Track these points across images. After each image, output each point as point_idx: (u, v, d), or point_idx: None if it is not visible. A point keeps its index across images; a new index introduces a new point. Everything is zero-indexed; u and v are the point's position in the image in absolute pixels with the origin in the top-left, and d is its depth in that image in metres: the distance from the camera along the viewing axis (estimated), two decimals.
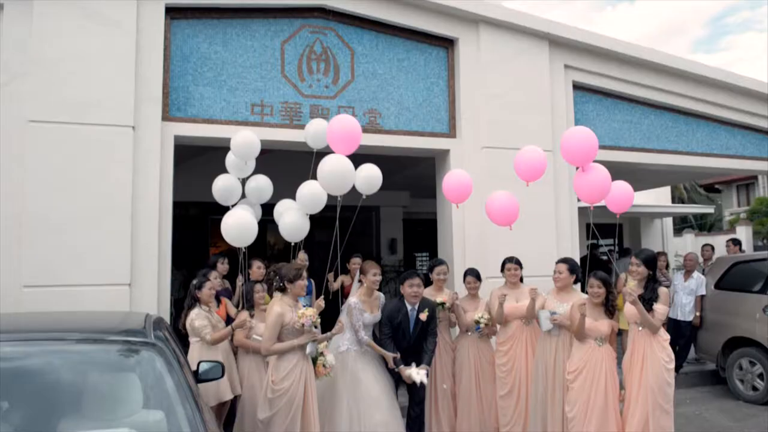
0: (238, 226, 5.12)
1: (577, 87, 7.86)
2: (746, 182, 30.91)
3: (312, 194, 5.17)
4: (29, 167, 5.43)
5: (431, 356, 5.22)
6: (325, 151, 5.26)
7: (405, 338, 5.16)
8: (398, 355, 5.03)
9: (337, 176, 4.87)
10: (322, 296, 4.80)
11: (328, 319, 5.17)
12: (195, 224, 11.84)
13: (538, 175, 5.26)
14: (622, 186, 5.21)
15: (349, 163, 4.91)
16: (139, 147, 5.79)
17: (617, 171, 6.15)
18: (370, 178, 5.31)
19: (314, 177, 5.04)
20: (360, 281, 5.36)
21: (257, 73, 6.46)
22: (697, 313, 7.94)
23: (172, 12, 6.17)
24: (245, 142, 5.53)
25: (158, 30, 6.01)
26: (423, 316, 5.14)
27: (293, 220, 5.33)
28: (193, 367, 3.73)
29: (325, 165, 4.84)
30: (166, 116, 6.07)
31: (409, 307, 5.18)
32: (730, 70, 8.76)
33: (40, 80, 5.53)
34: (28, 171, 5.43)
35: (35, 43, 5.58)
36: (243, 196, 5.92)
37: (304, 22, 6.67)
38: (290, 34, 6.62)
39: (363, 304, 5.12)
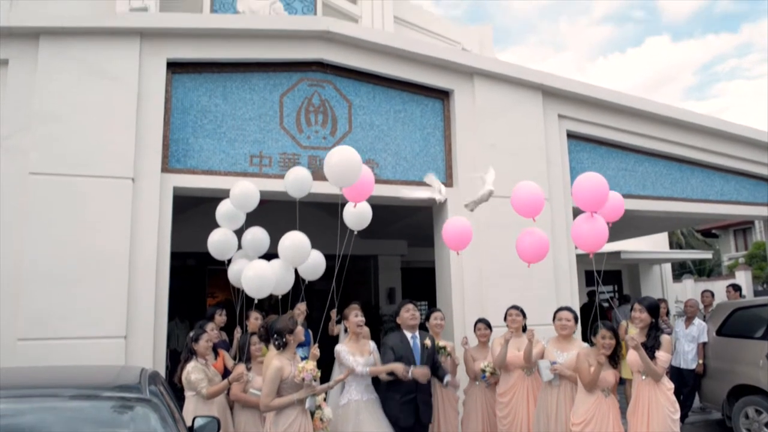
0: (258, 277, 5.04)
1: (572, 136, 7.98)
2: (743, 227, 31.03)
3: (294, 246, 5.12)
4: (28, 219, 5.45)
5: (445, 372, 5.17)
6: (308, 200, 5.29)
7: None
8: (403, 365, 4.85)
9: (344, 167, 4.77)
10: (316, 344, 4.71)
11: (328, 364, 5.08)
12: (193, 275, 11.80)
13: (538, 211, 5.28)
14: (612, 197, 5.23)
15: (357, 155, 4.81)
16: (138, 198, 5.83)
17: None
18: (360, 214, 5.31)
19: (299, 227, 5.06)
20: (345, 329, 5.30)
21: (256, 125, 6.57)
22: (700, 361, 7.84)
23: (173, 66, 6.32)
24: (244, 192, 5.54)
25: (159, 84, 6.14)
26: (427, 342, 5.04)
27: (277, 273, 5.24)
28: (189, 423, 3.65)
29: (333, 157, 4.74)
30: (166, 168, 6.13)
31: (409, 335, 5.08)
32: (721, 117, 8.96)
33: (41, 133, 5.62)
34: (28, 223, 5.44)
35: (38, 96, 5.69)
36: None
37: (303, 75, 6.82)
38: (289, 86, 6.76)
39: (351, 349, 5.03)
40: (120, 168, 5.77)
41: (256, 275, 4.97)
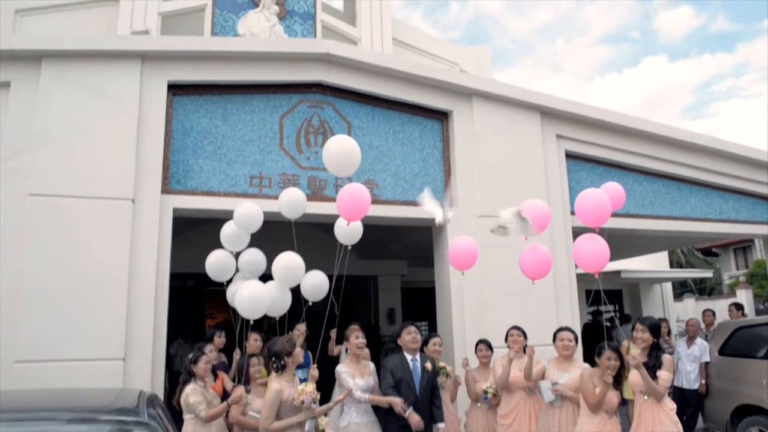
0: (251, 298, 5.01)
1: (570, 156, 8.02)
2: (743, 245, 31.02)
3: (288, 266, 5.11)
4: (28, 240, 5.45)
5: (441, 413, 5.01)
6: (307, 221, 5.30)
7: (411, 392, 4.86)
8: (403, 400, 4.75)
9: (343, 157, 4.78)
10: (315, 365, 4.67)
11: (328, 385, 5.04)
12: (192, 295, 11.76)
13: (545, 225, 5.27)
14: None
15: (355, 144, 4.82)
16: (138, 220, 5.83)
17: (612, 237, 6.17)
18: (351, 228, 5.35)
19: (298, 248, 5.06)
20: (346, 350, 5.26)
21: (256, 146, 6.60)
22: (703, 381, 7.78)
23: (174, 88, 6.37)
24: (248, 214, 5.53)
25: (160, 106, 6.19)
26: (428, 366, 4.98)
27: (273, 294, 5.21)
28: None
29: (331, 146, 4.75)
30: (166, 189, 6.15)
31: (409, 358, 5.01)
32: (719, 137, 9.00)
33: (42, 154, 5.65)
34: (27, 245, 5.45)
35: (39, 118, 5.73)
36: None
37: (303, 97, 6.87)
38: (289, 108, 6.81)
39: (351, 370, 5.01)
40: (120, 189, 5.79)
41: (250, 296, 4.94)
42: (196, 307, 12.07)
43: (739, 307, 9.42)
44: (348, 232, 5.42)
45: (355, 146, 4.85)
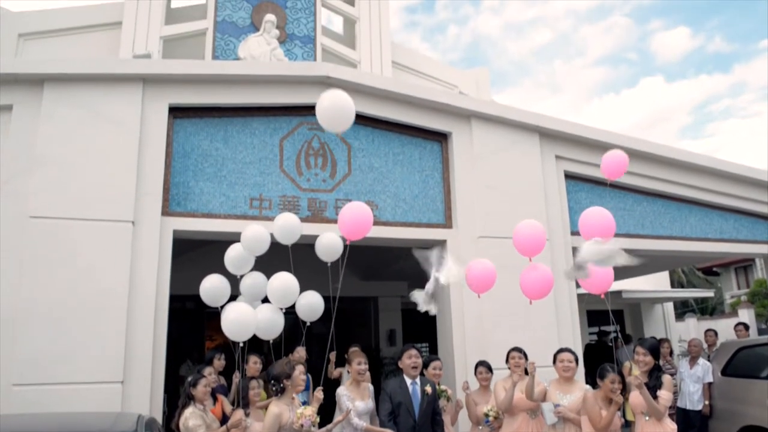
0: (238, 322, 4.99)
1: (570, 176, 8.04)
2: (744, 264, 30.92)
3: (283, 287, 5.11)
4: (27, 263, 5.44)
5: None
6: (303, 242, 5.33)
7: (410, 416, 4.79)
8: None
9: (337, 111, 4.71)
10: (321, 387, 4.65)
11: (328, 409, 4.99)
12: (191, 318, 11.70)
13: (539, 249, 5.28)
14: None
15: (349, 100, 4.72)
16: (137, 242, 5.84)
17: None
18: (329, 244, 5.42)
19: (296, 270, 5.07)
20: (348, 371, 5.25)
21: (256, 169, 6.63)
22: (706, 402, 7.72)
23: (175, 111, 6.42)
24: (255, 236, 5.51)
25: (161, 128, 6.23)
26: (428, 389, 4.92)
27: (266, 316, 5.19)
28: None
29: (324, 101, 4.67)
30: (166, 211, 6.16)
31: (409, 381, 4.95)
32: (717, 156, 9.04)
33: (43, 177, 5.67)
34: (26, 267, 5.44)
35: (40, 141, 5.76)
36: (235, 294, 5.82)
37: (303, 119, 6.92)
38: (289, 130, 6.85)
39: (351, 393, 4.97)
40: (120, 211, 5.80)
41: (236, 319, 4.89)
42: (195, 330, 12.01)
43: (747, 327, 9.37)
44: (327, 248, 5.44)
45: (349, 101, 4.71)
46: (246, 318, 4.94)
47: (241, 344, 5.05)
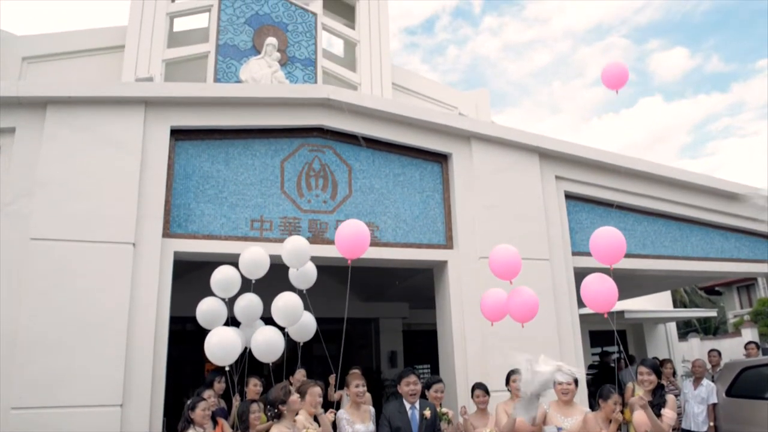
0: (221, 345, 4.99)
1: (570, 196, 8.04)
2: (746, 283, 30.79)
3: (286, 306, 5.14)
4: (28, 285, 5.43)
5: None
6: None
7: None
8: None
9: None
10: (332, 410, 4.66)
11: None
12: (191, 340, 11.61)
13: (515, 273, 5.37)
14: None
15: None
16: (138, 264, 5.83)
17: (615, 277, 6.15)
18: (303, 273, 5.56)
19: (292, 288, 5.13)
20: (347, 395, 5.20)
21: (257, 190, 6.65)
22: (711, 423, 7.62)
23: (176, 133, 6.45)
24: (254, 258, 5.49)
25: (163, 151, 6.26)
26: (427, 413, 4.88)
27: (266, 337, 5.19)
28: None
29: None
30: (167, 233, 6.16)
31: (408, 405, 4.92)
32: (716, 175, 9.05)
33: (44, 199, 5.68)
34: (27, 288, 5.42)
35: (42, 163, 5.78)
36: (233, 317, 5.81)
37: (304, 141, 6.95)
38: (290, 152, 6.88)
39: (351, 416, 4.93)
40: (121, 233, 5.80)
41: (219, 342, 4.90)
42: (195, 352, 11.91)
43: (758, 346, 9.30)
44: (301, 276, 5.53)
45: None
46: (228, 342, 4.92)
47: (228, 367, 5.05)
